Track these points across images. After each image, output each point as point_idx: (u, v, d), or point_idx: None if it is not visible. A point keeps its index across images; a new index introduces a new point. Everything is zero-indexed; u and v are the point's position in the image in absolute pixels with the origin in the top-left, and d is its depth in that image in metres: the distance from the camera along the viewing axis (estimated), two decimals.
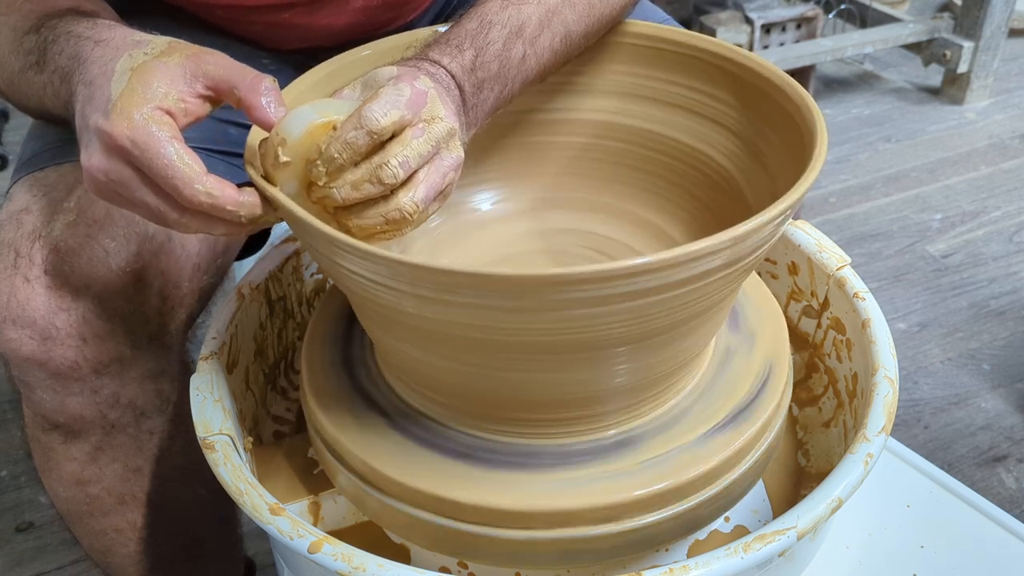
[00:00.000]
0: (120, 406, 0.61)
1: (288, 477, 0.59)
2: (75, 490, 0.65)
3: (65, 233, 0.56)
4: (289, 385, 0.72)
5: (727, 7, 2.01)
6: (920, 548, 0.58)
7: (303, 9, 0.65)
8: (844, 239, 1.55)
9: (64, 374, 0.58)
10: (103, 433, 0.62)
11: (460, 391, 0.52)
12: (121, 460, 0.64)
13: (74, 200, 0.57)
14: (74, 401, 0.59)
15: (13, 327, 0.56)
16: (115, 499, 0.66)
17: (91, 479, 0.65)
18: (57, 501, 0.67)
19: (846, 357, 0.64)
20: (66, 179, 0.59)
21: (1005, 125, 1.90)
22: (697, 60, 0.60)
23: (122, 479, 0.65)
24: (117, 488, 0.66)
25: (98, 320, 0.57)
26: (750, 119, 0.58)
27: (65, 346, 0.57)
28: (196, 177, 0.44)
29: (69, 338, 0.57)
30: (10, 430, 1.20)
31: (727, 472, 0.52)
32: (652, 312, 0.43)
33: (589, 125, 0.66)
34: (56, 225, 0.57)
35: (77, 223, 0.57)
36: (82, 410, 0.60)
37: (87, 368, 0.58)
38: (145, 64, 0.46)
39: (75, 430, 0.61)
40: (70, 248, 0.56)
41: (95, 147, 0.46)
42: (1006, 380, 1.24)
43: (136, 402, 0.62)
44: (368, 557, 0.45)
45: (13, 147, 1.90)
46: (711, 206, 0.62)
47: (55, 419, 0.61)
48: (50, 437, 0.62)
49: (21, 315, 0.56)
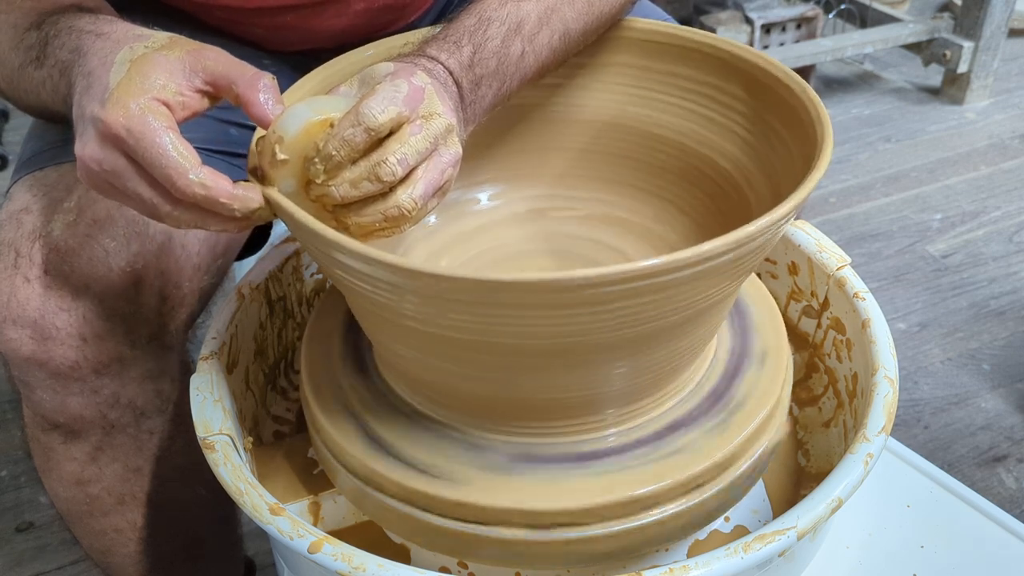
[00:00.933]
0: (120, 406, 0.61)
1: (288, 477, 0.59)
2: (75, 490, 0.65)
3: (65, 233, 0.56)
4: (289, 385, 0.72)
5: (727, 7, 2.01)
6: (920, 548, 0.58)
7: (305, 12, 0.65)
8: (844, 239, 1.55)
9: (64, 374, 0.58)
10: (103, 433, 0.62)
11: (458, 392, 0.51)
12: (121, 460, 0.64)
13: (74, 200, 0.57)
14: (74, 401, 0.59)
15: (13, 327, 0.56)
16: (115, 499, 0.66)
17: (91, 479, 0.65)
18: (57, 501, 0.67)
19: (846, 357, 0.64)
20: (66, 179, 0.59)
21: (1005, 125, 1.90)
22: (702, 56, 0.60)
23: (122, 479, 0.65)
24: (117, 488, 0.66)
25: (98, 320, 0.57)
26: (755, 118, 0.58)
27: (65, 346, 0.57)
28: (190, 168, 0.44)
29: (69, 338, 0.57)
30: (10, 430, 1.20)
31: (727, 472, 0.52)
32: (653, 313, 0.43)
33: (592, 125, 0.66)
34: (56, 225, 0.57)
35: (77, 223, 0.57)
36: (82, 410, 0.60)
37: (87, 368, 0.58)
38: (145, 56, 0.46)
39: (75, 430, 0.61)
40: (70, 248, 0.56)
41: (90, 136, 0.45)
42: (1006, 380, 1.24)
43: (136, 402, 0.62)
44: (368, 557, 0.45)
45: (13, 147, 1.90)
46: (712, 205, 0.62)
47: (55, 419, 0.61)
48: (50, 437, 0.62)
49: (21, 315, 0.56)
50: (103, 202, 0.57)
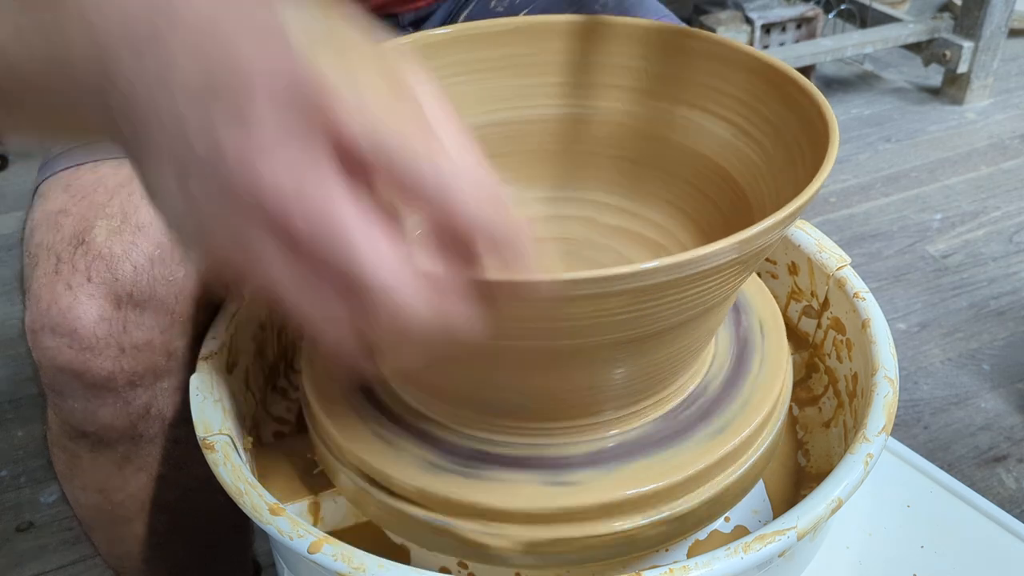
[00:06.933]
0: (150, 417, 0.60)
1: (288, 477, 0.59)
2: (98, 497, 0.64)
3: (110, 239, 0.54)
4: (289, 385, 0.72)
5: (727, 7, 2.01)
6: (920, 548, 0.58)
7: None
8: (844, 239, 1.55)
9: (99, 384, 0.56)
10: (131, 443, 0.61)
11: (459, 392, 0.52)
12: (147, 470, 0.63)
13: (117, 205, 0.55)
14: (106, 412, 0.58)
15: (52, 335, 0.54)
16: (138, 507, 0.65)
17: (116, 487, 0.63)
18: (78, 508, 0.66)
19: (846, 357, 0.64)
20: (105, 181, 0.56)
21: (1005, 125, 1.90)
22: (712, 58, 0.60)
23: (146, 487, 0.64)
24: (141, 496, 0.65)
25: (138, 331, 0.55)
26: (758, 119, 0.58)
27: (103, 356, 0.55)
28: None
29: (108, 348, 0.55)
30: (10, 430, 1.20)
31: (727, 472, 0.52)
32: (653, 314, 0.43)
33: (596, 125, 0.65)
34: (100, 231, 0.54)
35: (122, 229, 0.54)
36: (113, 420, 0.58)
37: (123, 379, 0.56)
38: None
39: (104, 439, 0.60)
40: (115, 255, 0.54)
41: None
42: (1006, 380, 1.24)
43: (165, 413, 0.61)
44: (368, 557, 0.45)
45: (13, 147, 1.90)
46: (719, 204, 0.61)
47: (84, 428, 0.59)
48: (77, 445, 0.61)
49: (61, 323, 0.53)
50: (145, 208, 0.54)
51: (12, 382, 1.33)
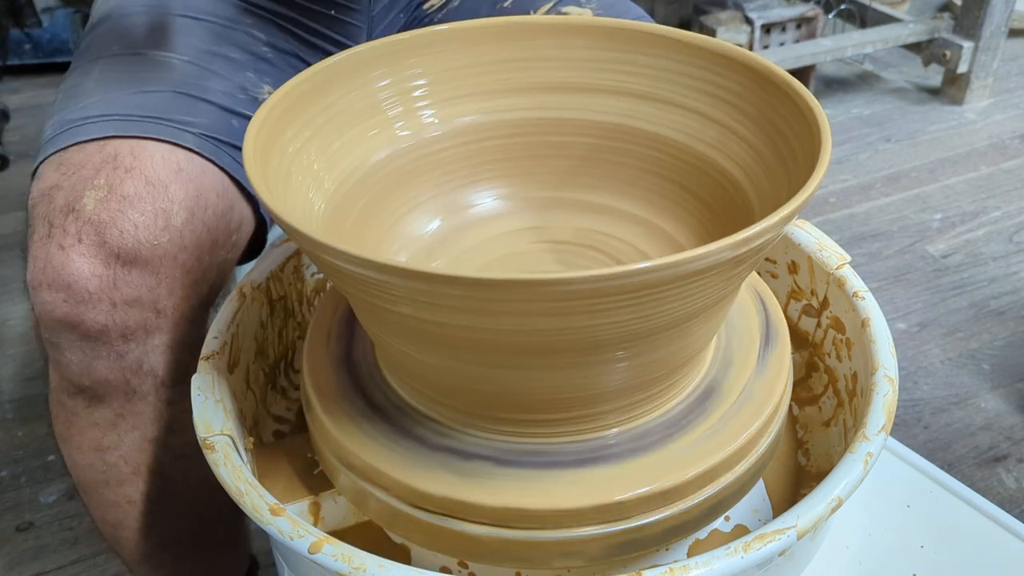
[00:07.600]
0: (143, 373, 0.65)
1: (288, 477, 0.59)
2: (94, 456, 0.68)
3: (97, 208, 0.60)
4: (289, 385, 0.72)
5: (727, 7, 2.01)
6: (920, 548, 0.58)
7: None
8: (844, 239, 1.55)
9: (94, 336, 0.61)
10: (125, 399, 0.65)
11: (459, 392, 0.52)
12: (140, 429, 0.67)
13: (103, 178, 0.61)
14: (101, 364, 0.63)
15: (48, 290, 0.59)
16: (131, 468, 0.69)
17: (110, 446, 0.67)
18: (75, 469, 0.70)
19: (846, 356, 0.64)
20: (92, 159, 0.62)
21: (1005, 125, 1.90)
22: (704, 61, 0.60)
23: (139, 448, 0.68)
24: (134, 457, 0.69)
25: (127, 288, 0.61)
26: (755, 121, 0.58)
27: (96, 310, 0.60)
28: None
29: (100, 302, 0.60)
30: (10, 430, 1.20)
31: (727, 471, 0.52)
32: (653, 313, 0.43)
33: (595, 126, 0.66)
34: (88, 201, 0.60)
35: (108, 199, 0.60)
36: (107, 374, 0.63)
37: (115, 333, 0.61)
38: None
39: (99, 394, 0.65)
40: (102, 221, 0.60)
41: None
42: (1006, 380, 1.24)
43: (157, 371, 0.65)
44: (368, 557, 0.45)
45: (13, 147, 1.91)
46: (713, 205, 0.62)
47: (81, 382, 0.64)
48: (75, 401, 0.65)
49: (56, 279, 0.59)
50: (131, 181, 0.61)
51: (12, 382, 1.33)
